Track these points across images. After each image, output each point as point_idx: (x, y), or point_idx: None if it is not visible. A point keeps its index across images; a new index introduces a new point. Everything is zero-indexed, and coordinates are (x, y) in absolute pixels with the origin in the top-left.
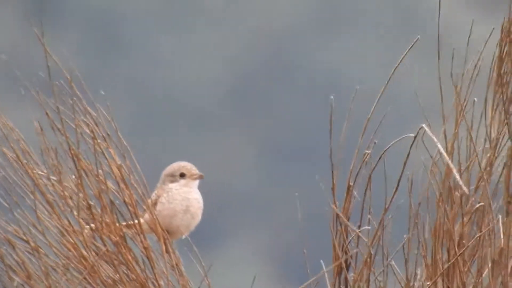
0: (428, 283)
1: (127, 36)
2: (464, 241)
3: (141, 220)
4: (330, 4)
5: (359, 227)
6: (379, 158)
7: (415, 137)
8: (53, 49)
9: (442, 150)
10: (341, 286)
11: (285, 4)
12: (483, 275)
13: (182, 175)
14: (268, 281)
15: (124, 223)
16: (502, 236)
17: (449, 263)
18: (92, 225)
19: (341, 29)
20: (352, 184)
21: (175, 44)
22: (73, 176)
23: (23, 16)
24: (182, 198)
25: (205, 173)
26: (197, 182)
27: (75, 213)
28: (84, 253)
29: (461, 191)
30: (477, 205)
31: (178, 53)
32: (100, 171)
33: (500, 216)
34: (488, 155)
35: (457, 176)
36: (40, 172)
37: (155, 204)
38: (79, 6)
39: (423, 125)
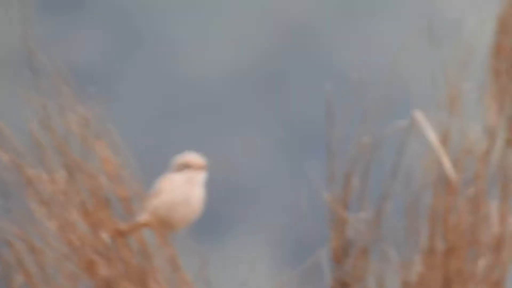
0: (424, 269)
1: (140, 28)
2: (460, 228)
3: (139, 219)
4: None
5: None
6: (374, 147)
7: (407, 125)
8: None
9: (432, 138)
10: (340, 274)
11: None
12: (480, 262)
13: (187, 166)
14: (267, 273)
15: (126, 226)
16: (497, 222)
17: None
18: (104, 234)
19: (351, 19)
20: (350, 172)
21: (189, 35)
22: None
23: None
24: (183, 191)
25: (210, 165)
26: (202, 174)
27: (69, 210)
28: (81, 249)
29: (452, 179)
30: (471, 192)
31: (192, 44)
32: (92, 167)
33: (495, 203)
34: (485, 144)
35: (445, 164)
36: (32, 171)
37: (157, 193)
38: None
39: (416, 112)
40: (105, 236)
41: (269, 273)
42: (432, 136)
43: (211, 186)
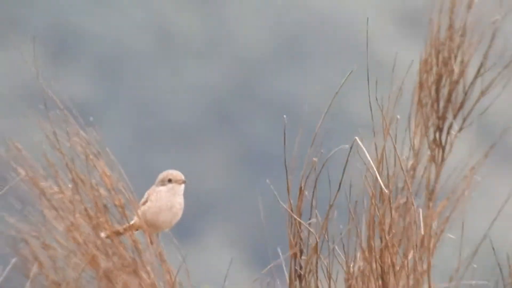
0: (364, 263)
1: (123, 73)
2: (393, 230)
3: (132, 222)
4: (288, 43)
5: (309, 220)
6: (323, 165)
7: (350, 147)
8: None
9: (369, 158)
10: (296, 268)
11: (252, 44)
12: (409, 257)
13: (170, 180)
14: (235, 266)
15: (120, 227)
16: (422, 225)
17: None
18: (103, 234)
19: (297, 62)
20: (303, 186)
21: (166, 77)
22: (70, 186)
23: (35, 59)
24: (168, 199)
25: (188, 179)
26: (182, 186)
27: (75, 215)
28: (85, 246)
29: (386, 191)
30: (401, 201)
31: (167, 84)
32: (93, 181)
33: (421, 210)
34: (412, 162)
35: (379, 179)
36: (45, 184)
37: (146, 201)
38: (91, 50)
39: (356, 138)
40: (104, 235)
41: (238, 267)
42: (369, 156)
43: (189, 197)
